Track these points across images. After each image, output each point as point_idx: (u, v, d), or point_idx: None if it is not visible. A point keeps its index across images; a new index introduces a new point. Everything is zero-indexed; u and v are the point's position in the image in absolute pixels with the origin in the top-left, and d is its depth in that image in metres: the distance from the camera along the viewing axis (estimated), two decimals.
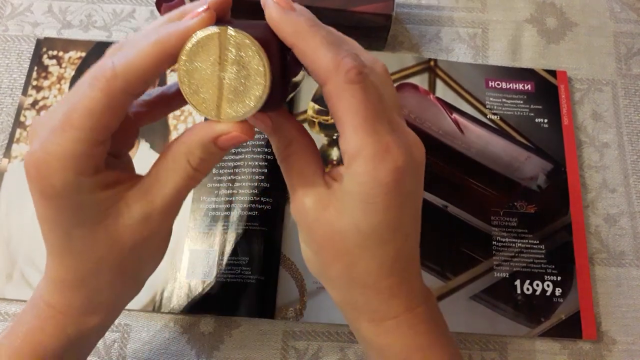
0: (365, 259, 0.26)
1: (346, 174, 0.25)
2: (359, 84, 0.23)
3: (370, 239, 0.25)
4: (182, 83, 0.24)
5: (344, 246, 0.25)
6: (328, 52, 0.24)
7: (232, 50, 0.23)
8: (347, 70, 0.23)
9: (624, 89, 0.49)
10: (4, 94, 0.46)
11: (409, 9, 0.51)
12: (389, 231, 0.25)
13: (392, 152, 0.24)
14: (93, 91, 0.23)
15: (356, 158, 0.24)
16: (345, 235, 0.25)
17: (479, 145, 0.44)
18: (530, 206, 0.43)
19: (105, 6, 0.50)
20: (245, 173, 0.43)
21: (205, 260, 0.40)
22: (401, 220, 0.25)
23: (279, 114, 0.27)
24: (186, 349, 0.39)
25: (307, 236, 0.27)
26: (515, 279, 0.41)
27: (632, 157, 0.46)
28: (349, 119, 0.24)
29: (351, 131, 0.24)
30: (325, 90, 0.24)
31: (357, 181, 0.24)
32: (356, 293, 0.27)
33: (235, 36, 0.23)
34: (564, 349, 0.40)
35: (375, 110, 0.24)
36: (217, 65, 0.24)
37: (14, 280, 0.40)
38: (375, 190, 0.24)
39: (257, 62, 0.23)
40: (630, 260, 0.43)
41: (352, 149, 0.24)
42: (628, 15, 0.51)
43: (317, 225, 0.26)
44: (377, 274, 0.26)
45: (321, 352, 0.39)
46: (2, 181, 0.43)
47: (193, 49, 0.23)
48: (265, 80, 0.24)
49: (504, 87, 0.47)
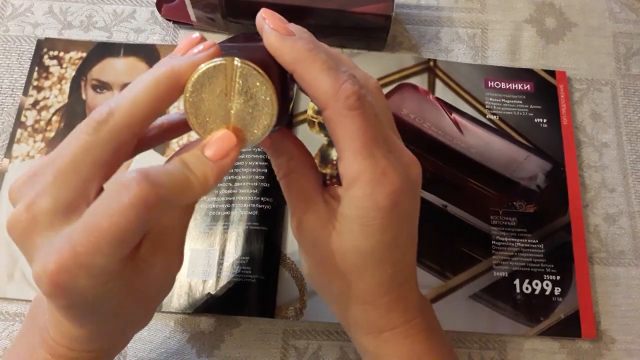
0: (364, 278, 0.26)
1: (345, 196, 0.25)
2: (357, 110, 0.24)
3: (369, 259, 0.26)
4: (189, 114, 0.24)
5: (343, 265, 0.26)
6: (327, 78, 0.24)
7: (239, 81, 0.23)
8: (346, 97, 0.24)
9: (623, 89, 0.49)
10: (4, 94, 0.46)
11: (409, 10, 0.51)
12: (387, 250, 0.26)
13: (389, 176, 0.24)
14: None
15: (355, 182, 0.24)
16: (344, 255, 0.26)
17: (478, 145, 0.44)
18: (529, 206, 0.43)
19: (105, 7, 0.50)
20: (245, 173, 0.43)
21: (205, 259, 0.40)
22: (398, 239, 0.26)
23: (278, 131, 0.27)
24: (187, 348, 0.39)
25: (306, 253, 0.28)
26: (515, 278, 0.41)
27: (631, 157, 0.46)
28: (348, 144, 0.24)
29: (350, 156, 0.24)
30: (325, 115, 0.25)
31: (355, 205, 0.25)
32: (355, 309, 0.27)
33: (242, 67, 0.23)
34: (563, 348, 0.40)
35: (374, 135, 0.25)
36: (224, 96, 0.23)
37: (15, 279, 0.40)
38: (372, 214, 0.24)
39: (264, 92, 0.23)
40: (629, 259, 0.43)
41: (351, 173, 0.24)
42: (627, 16, 0.51)
43: (317, 243, 0.27)
44: (376, 292, 0.27)
45: (321, 351, 0.40)
46: (3, 181, 0.43)
47: (199, 80, 0.23)
48: (273, 109, 0.24)
49: (503, 87, 0.47)
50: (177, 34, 0.49)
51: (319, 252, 0.27)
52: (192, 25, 0.49)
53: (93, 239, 0.20)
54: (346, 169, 0.25)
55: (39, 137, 0.45)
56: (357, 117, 0.24)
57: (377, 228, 0.25)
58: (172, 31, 0.49)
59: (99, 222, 0.20)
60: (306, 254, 0.28)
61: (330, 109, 0.24)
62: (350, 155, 0.24)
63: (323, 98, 0.24)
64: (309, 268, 0.28)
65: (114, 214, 0.20)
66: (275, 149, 0.28)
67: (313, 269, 0.28)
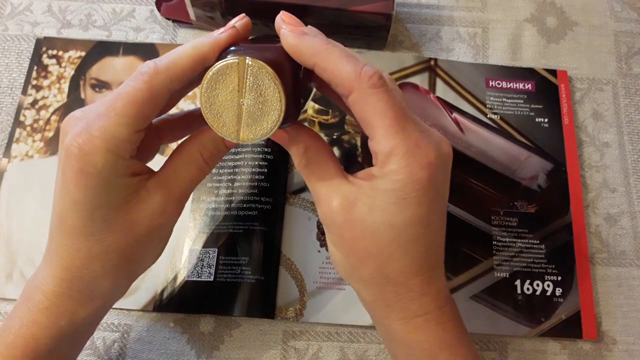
0: (397, 256, 0.26)
1: (380, 173, 0.26)
2: (382, 87, 0.25)
3: (402, 234, 0.26)
4: (204, 108, 0.26)
5: (375, 244, 0.26)
6: (348, 64, 0.25)
7: (250, 78, 0.25)
8: (369, 77, 0.25)
9: (625, 88, 0.48)
10: (3, 93, 0.46)
11: (409, 9, 0.51)
12: (421, 226, 0.26)
13: (423, 148, 0.25)
14: (137, 83, 0.26)
15: (390, 157, 0.25)
16: (377, 232, 0.26)
17: (479, 144, 0.44)
18: (530, 206, 0.43)
19: (104, 5, 0.50)
20: (245, 173, 0.42)
21: (205, 260, 0.40)
22: (432, 216, 0.26)
23: (293, 126, 0.28)
24: (186, 348, 0.39)
25: (337, 238, 0.28)
26: (516, 278, 0.41)
27: (632, 157, 0.46)
28: (378, 121, 0.25)
29: (382, 132, 0.25)
30: (350, 98, 0.26)
31: (392, 178, 0.25)
32: (388, 292, 0.27)
33: (253, 65, 0.25)
34: (564, 348, 0.40)
35: (402, 110, 0.26)
36: (236, 92, 0.26)
37: (13, 279, 0.40)
38: (409, 186, 0.25)
39: (272, 89, 0.25)
40: (630, 260, 0.43)
41: (386, 149, 0.25)
42: (628, 15, 0.51)
43: (348, 225, 0.27)
44: (409, 271, 0.27)
45: (321, 352, 0.39)
46: (2, 181, 0.43)
47: (214, 77, 0.26)
48: (281, 105, 0.25)
49: (504, 86, 0.47)
50: (177, 33, 0.49)
51: (350, 234, 0.27)
52: (191, 24, 0.49)
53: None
54: (380, 146, 0.25)
55: (37, 137, 0.45)
56: (382, 93, 0.25)
57: (412, 202, 0.25)
58: (172, 30, 0.49)
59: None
60: (336, 240, 0.28)
61: (355, 91, 0.25)
62: (382, 131, 0.25)
63: (347, 82, 0.25)
64: (339, 255, 0.28)
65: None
66: (292, 142, 0.28)
67: (343, 255, 0.28)
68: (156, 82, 0.26)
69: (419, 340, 0.27)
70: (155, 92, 0.26)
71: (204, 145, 0.29)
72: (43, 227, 0.41)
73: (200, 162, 0.29)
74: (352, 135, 0.45)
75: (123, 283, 0.31)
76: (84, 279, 0.28)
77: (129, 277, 0.31)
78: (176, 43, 0.48)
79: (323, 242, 0.41)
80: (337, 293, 0.40)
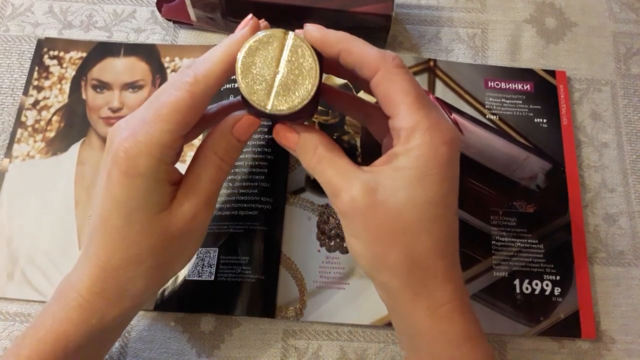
0: (422, 236, 0.27)
1: (402, 149, 0.27)
2: (403, 68, 0.28)
3: (426, 214, 0.27)
4: (238, 75, 0.28)
5: (401, 225, 0.27)
6: (372, 48, 0.28)
7: (289, 51, 0.27)
8: (393, 58, 0.28)
9: (623, 88, 0.49)
10: (5, 94, 0.46)
11: (409, 10, 0.51)
12: (442, 206, 0.27)
13: (443, 125, 0.27)
14: (180, 92, 0.27)
15: (414, 132, 0.26)
16: (402, 213, 0.26)
17: (478, 145, 0.44)
18: (529, 206, 0.43)
19: (105, 7, 0.50)
20: (245, 173, 0.43)
21: (205, 259, 0.40)
22: (451, 196, 0.28)
23: (302, 126, 0.30)
24: (187, 348, 0.39)
25: (360, 227, 0.28)
26: (515, 278, 0.41)
27: (631, 157, 0.46)
28: (402, 98, 0.27)
29: (405, 109, 0.27)
30: (375, 79, 0.28)
31: (415, 154, 0.26)
32: (416, 277, 0.27)
33: (294, 38, 0.27)
34: (562, 348, 0.40)
35: (422, 91, 0.28)
36: (273, 62, 0.27)
37: (15, 279, 0.40)
38: (431, 162, 0.26)
39: (309, 63, 0.27)
40: (629, 259, 0.43)
41: (410, 123, 0.27)
42: (627, 15, 0.51)
43: (371, 211, 0.27)
44: (434, 254, 0.27)
45: (321, 351, 0.40)
46: (3, 181, 0.43)
47: (253, 46, 0.27)
48: (315, 79, 0.27)
49: (503, 87, 0.47)
50: (177, 34, 0.49)
51: (374, 220, 0.27)
52: (192, 24, 0.49)
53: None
54: (403, 122, 0.27)
55: (39, 137, 0.45)
56: (405, 74, 0.28)
57: (434, 179, 0.26)
58: (172, 31, 0.50)
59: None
60: (359, 229, 0.28)
61: (381, 70, 0.27)
62: (405, 108, 0.27)
63: (373, 62, 0.28)
64: (362, 246, 0.28)
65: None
66: (304, 140, 0.30)
67: (367, 245, 0.28)
68: (197, 90, 0.28)
69: (444, 331, 0.27)
70: (197, 101, 0.28)
71: (216, 143, 0.30)
72: (44, 227, 0.42)
73: (217, 161, 0.30)
74: (352, 135, 0.45)
75: (155, 285, 0.32)
76: (118, 279, 0.29)
77: (161, 280, 0.32)
78: (177, 44, 0.49)
79: (323, 242, 0.42)
80: (337, 292, 0.40)
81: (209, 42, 0.49)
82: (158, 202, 0.28)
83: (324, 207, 0.43)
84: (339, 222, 0.42)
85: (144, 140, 0.27)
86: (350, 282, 0.41)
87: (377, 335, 0.40)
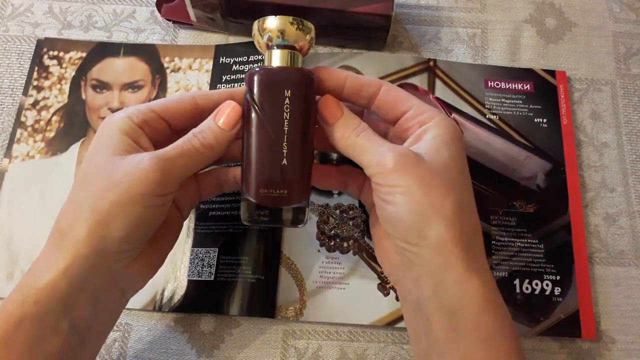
0: (464, 189, 0.30)
1: (432, 124, 0.31)
2: None
3: (464, 169, 0.31)
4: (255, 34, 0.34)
5: (450, 177, 0.29)
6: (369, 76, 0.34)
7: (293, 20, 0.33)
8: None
9: (623, 88, 0.49)
10: (4, 94, 0.46)
11: (409, 10, 0.51)
12: (462, 169, 0.31)
13: (449, 120, 0.32)
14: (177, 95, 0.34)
15: (434, 115, 0.31)
16: (448, 167, 0.29)
17: (478, 145, 0.44)
18: (529, 206, 0.43)
19: (105, 7, 0.50)
20: None
21: (205, 259, 0.40)
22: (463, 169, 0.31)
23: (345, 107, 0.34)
24: (186, 348, 0.39)
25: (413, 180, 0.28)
26: (515, 278, 0.41)
27: (631, 157, 0.46)
28: (411, 98, 0.32)
29: (418, 103, 0.32)
30: (384, 89, 0.33)
31: (444, 124, 0.31)
32: (468, 227, 0.29)
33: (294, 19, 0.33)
34: (562, 348, 0.40)
35: None
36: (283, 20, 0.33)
37: (15, 279, 0.40)
38: (456, 133, 0.31)
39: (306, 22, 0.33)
40: (629, 259, 0.43)
41: (426, 111, 0.32)
42: (627, 15, 0.51)
43: (422, 163, 0.29)
44: (472, 207, 0.30)
45: (321, 351, 0.40)
46: (3, 181, 0.43)
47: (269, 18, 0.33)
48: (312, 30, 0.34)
49: (503, 87, 0.47)
50: (177, 34, 0.49)
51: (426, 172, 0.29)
52: (192, 25, 0.49)
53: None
54: (419, 110, 0.32)
55: (39, 137, 0.45)
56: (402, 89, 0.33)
57: (460, 145, 0.31)
58: (172, 31, 0.49)
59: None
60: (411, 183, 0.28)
61: (384, 85, 0.33)
62: (417, 103, 0.32)
63: (375, 82, 0.33)
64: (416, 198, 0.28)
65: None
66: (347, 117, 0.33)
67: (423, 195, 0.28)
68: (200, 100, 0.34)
69: (475, 289, 0.28)
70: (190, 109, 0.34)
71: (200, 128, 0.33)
72: (44, 227, 0.41)
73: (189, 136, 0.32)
74: None
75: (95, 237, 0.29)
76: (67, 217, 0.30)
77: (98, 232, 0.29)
78: (176, 44, 0.49)
79: (323, 242, 0.42)
80: (337, 292, 0.40)
81: (209, 42, 0.49)
82: (114, 147, 0.30)
83: (324, 207, 0.43)
84: (338, 222, 0.42)
85: (129, 109, 0.32)
86: (350, 282, 0.41)
87: (377, 335, 0.40)
